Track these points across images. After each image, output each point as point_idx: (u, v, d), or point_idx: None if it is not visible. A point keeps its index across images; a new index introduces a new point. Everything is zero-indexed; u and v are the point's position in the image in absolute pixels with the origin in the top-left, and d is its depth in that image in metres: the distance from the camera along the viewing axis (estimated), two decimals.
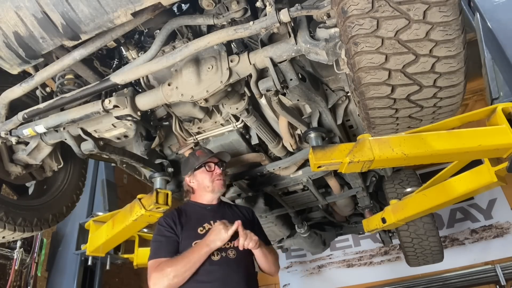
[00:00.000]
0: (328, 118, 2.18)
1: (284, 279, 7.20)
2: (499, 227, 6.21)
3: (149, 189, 2.55)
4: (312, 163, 1.93)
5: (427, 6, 1.08)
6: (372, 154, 1.83)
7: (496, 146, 1.85)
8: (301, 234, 3.76)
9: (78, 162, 2.75)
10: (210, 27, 1.81)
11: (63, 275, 4.52)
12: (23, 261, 4.29)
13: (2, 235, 2.16)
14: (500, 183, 2.22)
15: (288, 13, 1.39)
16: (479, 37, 2.38)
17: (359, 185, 3.00)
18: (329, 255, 7.00)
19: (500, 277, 5.61)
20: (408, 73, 1.21)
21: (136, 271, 5.40)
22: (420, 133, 1.85)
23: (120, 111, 1.77)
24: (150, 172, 2.52)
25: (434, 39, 1.13)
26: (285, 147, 2.41)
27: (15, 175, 2.24)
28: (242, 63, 1.64)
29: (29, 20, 1.34)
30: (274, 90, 1.65)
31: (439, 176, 2.61)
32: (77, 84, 1.94)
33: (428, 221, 3.32)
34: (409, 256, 3.61)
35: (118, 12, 1.32)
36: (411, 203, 2.77)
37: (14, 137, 1.94)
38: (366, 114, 1.39)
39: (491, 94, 2.25)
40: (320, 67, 2.06)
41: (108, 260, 4.28)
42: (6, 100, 1.79)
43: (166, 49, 1.82)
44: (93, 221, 3.06)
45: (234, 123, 2.23)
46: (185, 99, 1.73)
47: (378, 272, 6.58)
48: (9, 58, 1.47)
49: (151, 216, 2.43)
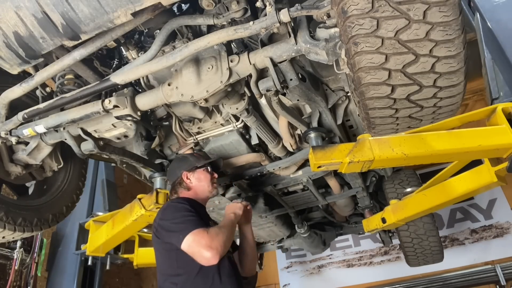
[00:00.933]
0: (328, 118, 2.18)
1: (284, 279, 7.19)
2: (499, 227, 6.20)
3: (149, 189, 2.56)
4: (312, 163, 1.93)
5: (427, 6, 1.08)
6: (372, 154, 1.83)
7: (496, 146, 1.85)
8: (301, 234, 3.76)
9: (78, 162, 2.75)
10: (210, 27, 1.81)
11: (63, 275, 4.52)
12: (23, 261, 4.28)
13: (2, 235, 2.16)
14: (500, 183, 2.22)
15: (288, 13, 1.39)
16: (479, 37, 2.38)
17: (359, 185, 3.00)
18: (329, 255, 7.00)
19: (500, 277, 5.60)
20: (408, 73, 1.21)
21: (136, 271, 5.41)
22: (420, 133, 1.85)
23: (120, 111, 1.77)
24: (150, 172, 2.52)
25: (434, 39, 1.13)
26: (285, 147, 2.41)
27: (15, 175, 2.25)
28: (242, 63, 1.64)
29: (29, 20, 1.34)
30: (274, 90, 1.65)
31: (439, 176, 2.61)
32: (77, 84, 1.94)
33: (428, 221, 3.32)
34: (409, 256, 3.61)
35: (118, 12, 1.32)
36: (411, 203, 2.77)
37: (14, 137, 1.94)
38: (366, 114, 1.39)
39: (491, 94, 2.25)
40: (320, 67, 2.06)
41: (108, 260, 4.28)
42: (6, 100, 1.79)
43: (166, 49, 1.82)
44: (93, 221, 3.07)
45: (234, 123, 2.23)
46: (185, 99, 1.73)
47: (378, 272, 6.58)
48: (9, 58, 1.47)
49: (151, 216, 2.42)
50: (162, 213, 1.95)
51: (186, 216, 1.85)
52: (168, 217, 1.89)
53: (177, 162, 2.24)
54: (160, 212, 1.98)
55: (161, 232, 1.88)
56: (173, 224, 1.84)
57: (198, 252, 1.72)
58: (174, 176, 2.18)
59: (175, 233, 1.79)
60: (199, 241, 1.72)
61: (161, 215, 1.94)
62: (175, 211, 1.91)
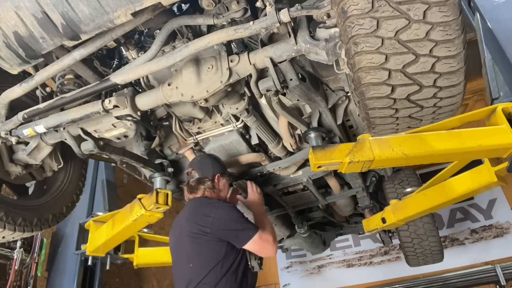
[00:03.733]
0: (328, 118, 2.17)
1: (284, 279, 7.19)
2: (499, 227, 6.20)
3: (149, 189, 2.55)
4: (312, 163, 1.93)
5: (427, 6, 1.08)
6: (372, 154, 1.83)
7: (496, 146, 1.85)
8: (301, 234, 3.76)
9: (78, 162, 2.75)
10: (210, 27, 1.81)
11: (63, 275, 4.51)
12: (23, 261, 4.28)
13: (2, 235, 2.16)
14: (500, 183, 2.22)
15: (288, 13, 1.39)
16: (479, 37, 2.38)
17: (359, 185, 3.00)
18: (329, 255, 6.99)
19: (500, 277, 5.60)
20: (408, 73, 1.21)
21: (136, 271, 5.41)
22: (420, 133, 1.85)
23: (120, 111, 1.77)
24: (150, 172, 2.52)
25: (434, 39, 1.13)
26: (285, 147, 2.41)
27: (15, 175, 2.25)
28: (242, 63, 1.64)
29: (29, 20, 1.34)
30: (274, 90, 1.65)
31: (439, 176, 2.61)
32: (77, 84, 1.94)
33: (428, 221, 3.32)
34: (409, 256, 3.61)
35: (118, 12, 1.32)
36: (411, 203, 2.77)
37: (14, 137, 1.94)
38: (366, 114, 1.39)
39: (491, 94, 2.25)
40: (320, 67, 2.06)
41: (108, 260, 4.27)
42: (6, 100, 1.79)
43: (166, 49, 1.82)
44: (93, 221, 3.06)
45: (234, 123, 2.23)
46: (185, 99, 1.73)
47: (378, 272, 6.58)
48: (9, 58, 1.47)
49: (151, 216, 2.42)
50: (215, 212, 2.00)
51: (243, 216, 2.03)
52: (227, 216, 2.00)
53: (212, 160, 2.28)
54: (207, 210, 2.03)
55: (218, 232, 1.96)
56: (237, 223, 1.99)
57: (267, 248, 2.00)
58: (205, 171, 2.23)
59: (243, 231, 1.97)
60: (267, 239, 2.00)
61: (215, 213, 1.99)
62: (233, 211, 2.05)
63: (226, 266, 1.93)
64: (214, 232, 1.95)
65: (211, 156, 2.34)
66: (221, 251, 1.95)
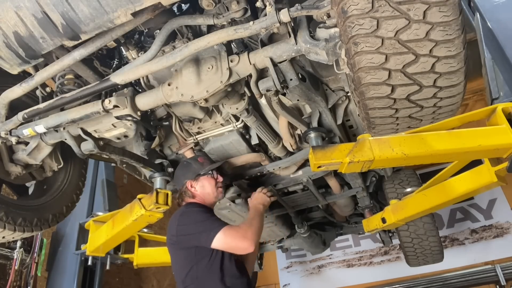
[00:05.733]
0: (328, 118, 2.17)
1: (284, 279, 7.20)
2: (499, 227, 6.21)
3: (149, 189, 2.55)
4: (312, 163, 1.93)
5: (427, 6, 1.08)
6: (372, 154, 1.83)
7: (496, 146, 1.85)
8: (301, 234, 3.75)
9: (78, 162, 2.75)
10: (210, 27, 1.81)
11: (63, 275, 4.52)
12: (23, 261, 4.28)
13: (2, 235, 2.16)
14: (500, 183, 2.22)
15: (288, 13, 1.39)
16: (479, 37, 2.38)
17: (359, 185, 3.00)
18: (329, 255, 7.00)
19: (500, 277, 5.61)
20: (408, 73, 1.21)
21: (136, 271, 5.41)
22: (420, 133, 1.85)
23: (120, 111, 1.77)
24: (150, 172, 2.51)
25: (434, 39, 1.13)
26: (285, 147, 2.40)
27: (15, 175, 2.24)
28: (242, 63, 1.64)
29: (29, 20, 1.34)
30: (274, 90, 1.65)
31: (439, 176, 2.61)
32: (77, 84, 1.94)
33: (428, 221, 3.32)
34: (409, 256, 3.61)
35: (118, 12, 1.32)
36: (411, 203, 2.77)
37: (14, 137, 1.94)
38: (366, 114, 1.39)
39: (491, 94, 2.25)
40: (320, 67, 2.06)
41: (108, 260, 4.27)
42: (6, 100, 1.79)
43: (166, 49, 1.82)
44: (93, 221, 3.06)
45: (234, 123, 2.23)
46: (185, 99, 1.73)
47: (378, 272, 6.58)
48: (9, 58, 1.47)
49: (151, 216, 2.42)
50: (179, 219, 2.01)
51: (208, 216, 1.97)
52: (188, 221, 1.97)
53: (181, 170, 2.30)
54: (176, 219, 2.04)
55: (181, 238, 1.96)
56: (197, 226, 1.92)
57: (235, 244, 1.85)
58: (179, 184, 2.27)
59: (203, 233, 1.88)
60: (233, 234, 1.85)
61: (178, 221, 2.00)
62: (194, 214, 2.00)
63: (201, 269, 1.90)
64: (179, 240, 1.98)
65: (182, 164, 2.35)
66: (190, 256, 1.94)
